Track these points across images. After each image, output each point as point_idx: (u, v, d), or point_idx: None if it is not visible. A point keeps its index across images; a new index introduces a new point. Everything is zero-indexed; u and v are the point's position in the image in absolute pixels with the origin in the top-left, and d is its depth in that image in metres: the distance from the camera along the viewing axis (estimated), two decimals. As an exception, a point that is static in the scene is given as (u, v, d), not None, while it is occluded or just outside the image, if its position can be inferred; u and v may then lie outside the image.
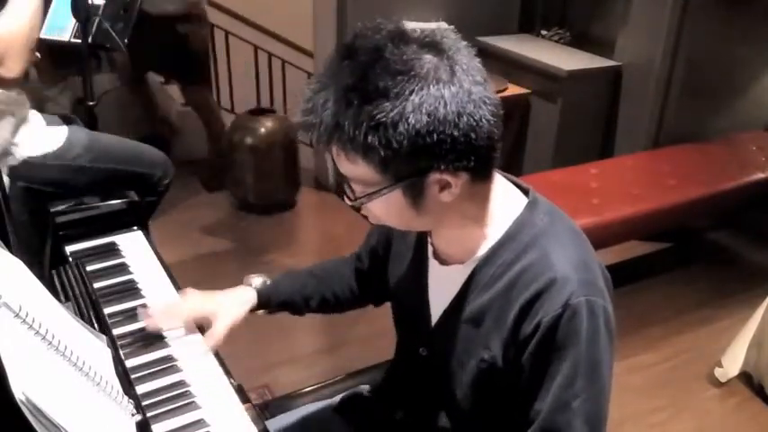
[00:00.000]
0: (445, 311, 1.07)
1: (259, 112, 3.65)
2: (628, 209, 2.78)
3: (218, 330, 1.20)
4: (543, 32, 3.91)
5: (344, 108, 0.84)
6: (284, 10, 4.72)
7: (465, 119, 0.85)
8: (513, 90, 3.49)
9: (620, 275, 1.02)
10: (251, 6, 4.63)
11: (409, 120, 0.83)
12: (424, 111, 0.83)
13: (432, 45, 0.87)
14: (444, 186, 0.90)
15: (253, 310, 1.28)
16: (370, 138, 0.84)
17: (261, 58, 4.58)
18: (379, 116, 0.83)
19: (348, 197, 0.96)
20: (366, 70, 0.84)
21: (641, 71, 3.38)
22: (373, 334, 1.47)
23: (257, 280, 1.31)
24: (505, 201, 1.00)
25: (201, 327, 1.26)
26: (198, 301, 1.27)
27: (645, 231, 3.15)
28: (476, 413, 1.07)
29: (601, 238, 2.34)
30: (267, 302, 1.29)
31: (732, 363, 2.46)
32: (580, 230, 1.03)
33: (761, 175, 3.17)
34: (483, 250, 1.00)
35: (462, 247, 1.02)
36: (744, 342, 2.44)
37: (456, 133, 0.85)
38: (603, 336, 0.94)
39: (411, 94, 0.83)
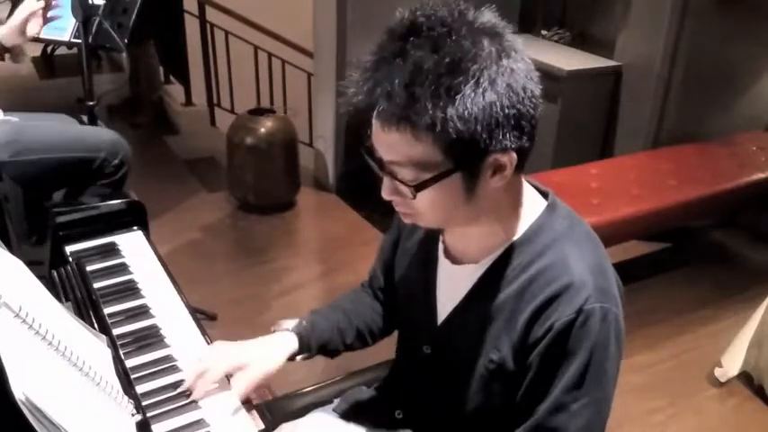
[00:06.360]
0: (454, 310, 1.06)
1: (259, 112, 3.65)
2: (628, 209, 2.78)
3: (247, 384, 1.10)
4: (543, 32, 3.91)
5: (420, 81, 0.81)
6: (284, 10, 4.73)
7: (529, 93, 0.86)
8: (513, 90, 3.49)
9: (621, 275, 1.02)
10: (251, 6, 4.63)
11: (487, 92, 0.82)
12: (500, 83, 0.82)
13: (487, 29, 0.86)
14: (497, 169, 0.89)
15: (291, 357, 1.18)
16: (449, 111, 0.81)
17: (261, 58, 4.58)
18: (457, 88, 0.81)
19: (403, 183, 0.89)
20: (439, 43, 0.82)
21: (641, 71, 3.39)
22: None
23: (291, 323, 1.20)
24: (526, 202, 1.00)
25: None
26: (228, 357, 1.14)
27: (645, 231, 3.15)
28: (479, 412, 1.07)
29: (601, 238, 2.30)
30: (308, 346, 1.19)
31: (732, 363, 2.46)
32: (596, 236, 1.02)
33: (761, 175, 3.18)
34: (499, 251, 0.99)
35: (480, 246, 1.01)
36: (744, 342, 2.44)
37: (522, 108, 0.85)
38: (613, 345, 0.94)
39: (487, 66, 0.82)
